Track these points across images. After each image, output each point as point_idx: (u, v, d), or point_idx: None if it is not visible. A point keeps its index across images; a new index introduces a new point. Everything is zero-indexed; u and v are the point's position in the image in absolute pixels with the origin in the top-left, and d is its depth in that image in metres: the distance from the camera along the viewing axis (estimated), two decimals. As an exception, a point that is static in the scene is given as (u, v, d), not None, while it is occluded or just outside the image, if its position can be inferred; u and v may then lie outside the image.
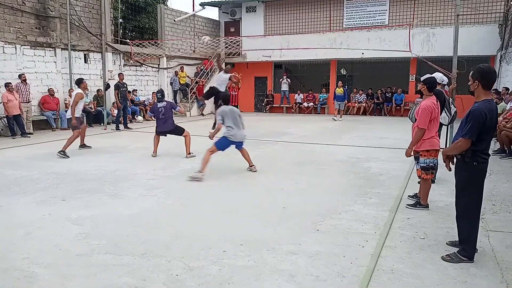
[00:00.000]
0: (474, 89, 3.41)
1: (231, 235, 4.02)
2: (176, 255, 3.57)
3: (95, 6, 14.36)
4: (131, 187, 5.86)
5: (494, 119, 3.32)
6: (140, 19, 19.04)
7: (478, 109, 3.27)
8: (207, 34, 19.17)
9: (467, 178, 3.45)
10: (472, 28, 15.72)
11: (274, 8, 19.78)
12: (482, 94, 3.37)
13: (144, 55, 15.69)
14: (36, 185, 5.95)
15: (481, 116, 3.24)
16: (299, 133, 11.88)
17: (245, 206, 5.05)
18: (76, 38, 13.68)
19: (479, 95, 3.39)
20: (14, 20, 11.83)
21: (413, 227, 4.25)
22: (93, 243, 3.83)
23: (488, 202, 5.06)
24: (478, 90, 3.38)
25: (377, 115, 17.92)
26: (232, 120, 6.74)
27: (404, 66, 17.27)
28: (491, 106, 3.31)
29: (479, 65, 3.42)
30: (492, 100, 3.42)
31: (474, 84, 3.38)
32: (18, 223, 4.37)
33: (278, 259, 3.50)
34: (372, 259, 3.49)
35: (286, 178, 6.46)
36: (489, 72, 3.35)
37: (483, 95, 3.37)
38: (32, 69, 12.39)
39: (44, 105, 12.55)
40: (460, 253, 3.47)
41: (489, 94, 3.40)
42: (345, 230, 4.18)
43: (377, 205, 5.00)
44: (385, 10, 17.67)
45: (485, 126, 3.26)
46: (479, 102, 3.36)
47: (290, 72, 20.44)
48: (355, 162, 7.68)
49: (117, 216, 4.64)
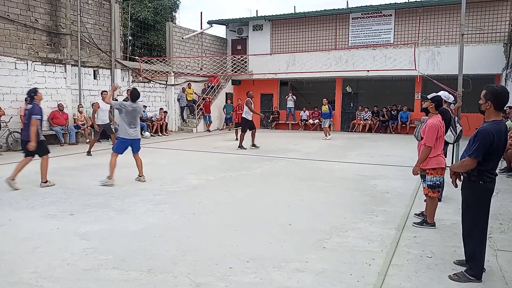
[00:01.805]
0: (485, 109, 3.40)
1: (238, 251, 4.03)
2: (182, 271, 3.58)
3: (105, 24, 14.69)
4: (138, 202, 5.90)
5: (502, 140, 3.32)
6: (149, 37, 19.41)
7: (486, 130, 3.28)
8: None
9: (473, 197, 3.45)
10: (477, 47, 15.84)
11: (280, 26, 20.09)
12: (493, 114, 3.37)
13: (152, 71, 15.97)
14: (44, 199, 6.01)
15: (489, 137, 3.25)
16: (305, 150, 11.91)
17: (251, 222, 5.06)
18: (86, 54, 13.96)
19: (489, 116, 3.38)
20: (26, 36, 12.12)
21: (420, 246, 4.23)
22: (100, 258, 3.85)
23: (495, 221, 5.03)
24: (489, 111, 3.37)
25: (382, 132, 17.94)
26: (130, 119, 7.08)
27: (409, 84, 17.37)
28: (500, 127, 3.31)
29: (492, 85, 3.40)
30: (501, 121, 3.40)
31: (486, 104, 3.36)
32: (26, 237, 4.41)
33: (285, 276, 3.50)
34: (379, 277, 3.48)
35: (292, 194, 6.47)
36: (503, 93, 3.34)
37: (494, 115, 3.36)
38: (42, 85, 12.60)
39: (53, 120, 12.73)
40: (467, 272, 3.45)
41: (499, 115, 3.39)
42: (351, 247, 4.17)
43: (383, 223, 4.99)
44: (390, 29, 17.88)
45: (492, 147, 3.26)
46: (488, 122, 3.36)
47: (296, 89, 20.61)
48: (361, 179, 7.67)
49: (124, 231, 4.67)
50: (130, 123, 7.10)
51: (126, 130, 7.09)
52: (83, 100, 13.86)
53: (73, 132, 13.03)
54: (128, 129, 7.09)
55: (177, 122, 18.34)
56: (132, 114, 7.11)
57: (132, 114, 7.11)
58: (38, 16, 12.43)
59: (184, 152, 11.20)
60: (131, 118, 7.11)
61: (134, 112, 7.13)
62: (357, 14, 18.36)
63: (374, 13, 18.07)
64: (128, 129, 7.10)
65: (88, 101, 14.13)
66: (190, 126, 18.14)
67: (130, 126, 7.10)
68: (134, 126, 7.16)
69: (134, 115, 7.14)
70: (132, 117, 7.12)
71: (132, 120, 7.13)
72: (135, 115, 7.15)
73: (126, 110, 7.08)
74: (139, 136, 7.32)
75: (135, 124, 7.18)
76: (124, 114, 7.09)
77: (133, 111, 7.11)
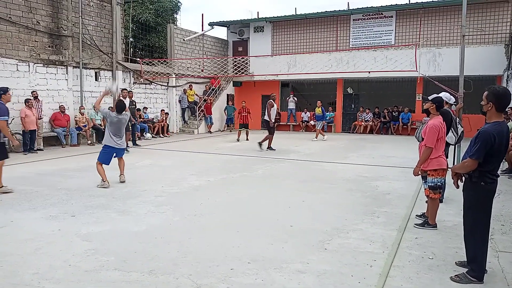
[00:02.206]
0: (487, 110, 3.40)
1: (239, 253, 4.03)
2: (184, 272, 3.58)
3: (106, 26, 14.73)
4: (140, 204, 5.91)
5: (503, 141, 3.32)
6: (150, 38, 19.45)
7: (487, 131, 3.28)
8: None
9: (474, 198, 3.45)
10: (478, 48, 15.83)
11: (281, 28, 20.12)
12: (494, 116, 3.37)
13: (154, 73, 15.99)
14: (46, 201, 6.02)
15: (490, 138, 3.25)
16: (306, 151, 11.91)
17: (252, 223, 5.06)
18: (88, 56, 14.00)
19: (491, 117, 3.39)
20: (28, 38, 12.16)
21: (422, 247, 4.23)
22: (102, 259, 3.85)
23: (497, 222, 5.02)
24: (491, 112, 3.37)
25: (383, 133, 17.94)
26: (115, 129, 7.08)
27: (410, 86, 17.37)
28: (501, 129, 3.31)
29: (494, 87, 3.41)
30: (503, 122, 3.40)
31: (488, 105, 3.37)
32: (28, 238, 4.42)
33: (286, 277, 3.50)
34: (380, 278, 3.48)
35: (293, 195, 6.47)
36: (504, 94, 3.34)
37: (495, 117, 3.37)
38: (44, 86, 12.66)
39: (54, 122, 12.77)
40: (469, 273, 3.44)
41: (501, 116, 3.39)
42: (353, 249, 4.17)
43: (384, 224, 4.99)
44: (391, 30, 17.89)
45: (493, 148, 3.26)
46: (489, 123, 3.36)
47: (297, 91, 20.62)
48: (362, 180, 7.67)
49: (125, 232, 4.67)
50: (115, 134, 7.09)
51: (111, 139, 7.07)
52: (84, 101, 13.89)
53: (74, 134, 13.05)
54: (113, 138, 7.08)
55: (178, 123, 18.37)
56: (117, 125, 7.07)
57: (117, 125, 7.08)
58: (40, 18, 12.47)
59: (185, 153, 11.21)
60: (115, 128, 7.08)
61: (119, 123, 7.08)
62: (358, 15, 18.38)
63: (375, 14, 18.08)
64: (113, 137, 7.09)
65: (90, 102, 14.17)
66: (192, 127, 18.17)
67: (115, 135, 7.09)
68: (119, 137, 7.14)
69: (119, 126, 7.09)
70: (117, 128, 7.08)
71: (117, 131, 7.10)
72: (119, 126, 7.10)
73: (111, 120, 7.07)
74: (123, 146, 7.33)
75: (120, 135, 7.14)
76: (109, 123, 7.10)
77: (118, 122, 7.08)
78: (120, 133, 7.14)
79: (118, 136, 7.12)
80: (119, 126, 7.09)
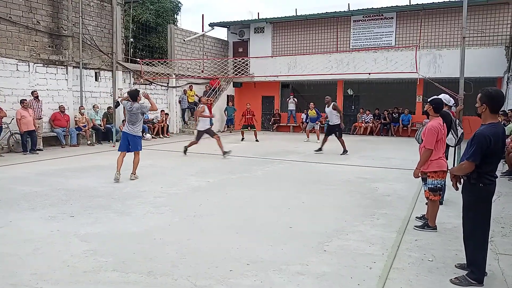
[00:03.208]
0: (481, 112, 3.43)
1: (238, 254, 4.02)
2: (182, 273, 3.57)
3: (107, 26, 14.73)
4: (139, 204, 5.89)
5: (499, 143, 3.33)
6: (151, 39, 19.45)
7: (482, 133, 3.30)
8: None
9: (473, 199, 3.45)
10: (478, 50, 15.82)
11: (281, 29, 20.12)
12: (489, 117, 3.39)
13: (154, 73, 15.98)
14: (45, 201, 6.01)
15: (485, 140, 3.26)
16: (306, 152, 11.91)
17: (251, 224, 5.05)
18: (88, 56, 13.99)
19: (486, 118, 3.41)
20: (28, 38, 12.15)
21: (421, 249, 4.22)
22: (100, 260, 3.84)
23: (497, 224, 5.01)
24: (485, 114, 3.40)
25: (384, 135, 17.92)
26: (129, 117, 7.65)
27: (411, 87, 17.35)
28: (496, 130, 3.33)
29: (487, 89, 3.44)
30: (498, 123, 3.42)
31: (482, 107, 3.40)
32: (26, 239, 4.41)
33: (285, 279, 3.48)
34: (380, 281, 3.47)
35: (292, 197, 6.46)
36: (497, 96, 3.37)
37: (490, 118, 3.39)
38: (44, 86, 12.64)
39: (54, 122, 12.75)
40: (469, 276, 3.43)
41: (496, 118, 3.41)
42: (352, 251, 4.16)
43: (384, 226, 4.98)
44: (391, 32, 17.89)
45: (489, 149, 3.28)
46: (485, 125, 3.38)
47: (297, 92, 20.61)
48: (362, 182, 7.66)
49: (124, 233, 4.66)
50: (129, 121, 7.65)
51: (126, 125, 7.72)
52: (84, 102, 13.88)
53: (74, 134, 13.03)
54: (128, 124, 7.68)
55: (178, 124, 18.35)
56: (130, 113, 7.60)
57: (130, 113, 7.61)
58: (40, 18, 12.47)
59: (185, 155, 11.17)
60: (129, 116, 7.64)
61: (131, 111, 7.59)
62: (359, 16, 18.37)
63: (375, 15, 18.08)
64: (128, 124, 7.69)
65: (90, 103, 14.16)
66: (192, 128, 18.13)
67: (129, 122, 7.64)
68: (132, 124, 7.61)
69: (132, 114, 7.59)
70: (131, 116, 7.62)
71: (130, 118, 7.63)
72: (132, 114, 7.59)
73: (126, 108, 7.75)
74: (135, 133, 7.65)
75: (133, 122, 7.60)
76: (126, 111, 7.88)
77: (130, 109, 7.60)
78: (133, 120, 7.60)
79: (131, 123, 7.61)
80: (132, 113, 7.56)
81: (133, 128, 7.61)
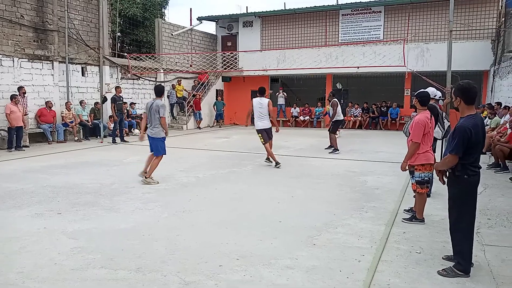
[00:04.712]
0: (457, 105, 3.54)
1: (227, 249, 4.01)
2: (171, 269, 3.55)
3: (93, 20, 14.49)
4: (127, 201, 5.84)
5: (480, 133, 3.41)
6: (138, 33, 19.23)
7: (463, 126, 3.38)
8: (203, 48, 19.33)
9: (458, 191, 3.51)
10: (465, 43, 15.99)
11: (270, 23, 20.04)
12: (466, 109, 3.48)
13: (142, 68, 15.80)
14: (31, 198, 5.92)
15: (466, 133, 3.34)
16: (296, 147, 11.92)
17: (241, 219, 5.04)
18: (74, 51, 13.76)
19: (463, 111, 3.50)
20: (12, 33, 11.90)
21: (409, 241, 4.26)
22: (88, 257, 3.80)
23: (483, 216, 5.09)
24: (461, 106, 3.49)
25: (372, 129, 18.04)
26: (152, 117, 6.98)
27: (399, 81, 17.48)
28: (475, 121, 3.40)
29: (459, 82, 3.55)
30: (476, 114, 3.51)
31: (457, 101, 3.51)
32: (12, 237, 4.34)
33: (275, 273, 3.49)
34: (369, 273, 3.49)
35: (282, 191, 6.47)
36: (469, 88, 3.46)
37: (467, 110, 3.47)
38: (29, 82, 12.41)
39: (40, 118, 12.54)
40: (455, 267, 3.48)
41: (472, 109, 3.49)
42: (341, 244, 4.18)
43: (373, 219, 5.01)
44: (379, 26, 17.95)
45: (471, 141, 3.35)
46: (464, 118, 3.47)
47: (286, 86, 20.60)
48: (351, 175, 7.70)
49: (113, 229, 4.62)
50: (149, 121, 7.04)
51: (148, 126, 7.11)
52: (71, 97, 13.68)
53: (61, 130, 12.85)
54: (148, 126, 7.07)
55: (167, 119, 18.21)
56: (149, 111, 6.99)
57: (149, 112, 7.01)
58: (24, 12, 12.21)
59: (174, 149, 11.10)
60: (149, 116, 7.02)
61: (150, 110, 6.97)
62: (347, 10, 18.40)
63: (363, 9, 18.12)
64: (148, 126, 7.08)
65: (76, 98, 13.96)
66: (180, 123, 18.04)
67: (149, 123, 7.05)
68: (150, 124, 7.02)
69: (151, 113, 6.96)
70: (149, 115, 6.99)
71: (150, 118, 6.98)
72: (151, 113, 6.95)
73: (146, 106, 7.12)
74: (153, 135, 7.01)
75: (151, 123, 6.99)
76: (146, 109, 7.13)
77: (150, 108, 6.99)
78: (151, 121, 6.96)
79: (150, 124, 7.01)
80: (151, 112, 6.95)
81: (150, 129, 7.00)
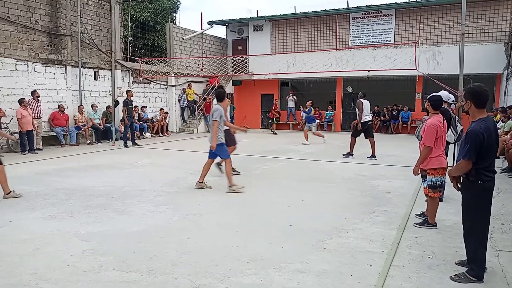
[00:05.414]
0: (468, 109, 3.46)
1: (238, 252, 4.02)
2: (182, 272, 3.57)
3: (105, 25, 14.70)
4: (139, 203, 5.89)
5: (492, 137, 3.33)
6: (149, 37, 19.40)
7: (474, 130, 3.31)
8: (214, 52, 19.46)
9: (472, 197, 3.45)
10: (478, 46, 15.80)
11: (280, 26, 20.07)
12: (477, 113, 3.41)
13: (153, 72, 15.95)
14: (45, 201, 6.01)
15: (478, 137, 3.27)
16: (306, 150, 11.90)
17: (251, 222, 5.05)
18: (87, 55, 13.96)
19: (474, 115, 3.44)
20: (27, 38, 12.13)
21: (421, 246, 4.22)
22: (100, 259, 3.84)
23: (497, 221, 5.01)
24: (472, 110, 3.43)
25: (383, 132, 17.91)
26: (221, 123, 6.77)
27: (410, 84, 17.33)
28: (487, 125, 3.34)
29: (469, 85, 3.48)
30: (488, 117, 3.43)
31: (467, 104, 3.44)
32: (26, 239, 4.41)
33: (285, 277, 3.48)
34: (380, 278, 3.47)
35: (292, 195, 6.46)
36: (480, 91, 3.39)
37: (478, 114, 3.41)
38: (43, 86, 12.62)
39: (53, 121, 12.73)
40: (468, 273, 3.43)
41: (483, 113, 3.42)
42: (352, 248, 4.16)
43: (384, 224, 4.97)
44: (390, 29, 17.85)
45: (483, 145, 3.28)
46: (475, 121, 3.40)
47: (297, 90, 20.57)
48: (362, 179, 7.66)
49: (124, 232, 4.66)
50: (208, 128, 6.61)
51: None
52: (83, 101, 13.86)
53: (73, 133, 13.02)
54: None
55: (177, 122, 18.34)
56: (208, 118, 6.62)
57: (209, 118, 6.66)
58: (39, 17, 12.44)
59: (184, 153, 11.19)
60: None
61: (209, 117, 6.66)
62: (358, 14, 18.33)
63: (374, 13, 18.03)
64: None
65: (89, 102, 14.14)
66: (191, 126, 18.14)
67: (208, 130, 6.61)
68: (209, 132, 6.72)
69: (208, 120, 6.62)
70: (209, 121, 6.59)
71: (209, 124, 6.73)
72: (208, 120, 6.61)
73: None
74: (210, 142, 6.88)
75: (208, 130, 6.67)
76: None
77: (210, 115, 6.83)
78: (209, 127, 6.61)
79: (208, 131, 6.73)
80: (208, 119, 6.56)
81: (209, 136, 6.81)
